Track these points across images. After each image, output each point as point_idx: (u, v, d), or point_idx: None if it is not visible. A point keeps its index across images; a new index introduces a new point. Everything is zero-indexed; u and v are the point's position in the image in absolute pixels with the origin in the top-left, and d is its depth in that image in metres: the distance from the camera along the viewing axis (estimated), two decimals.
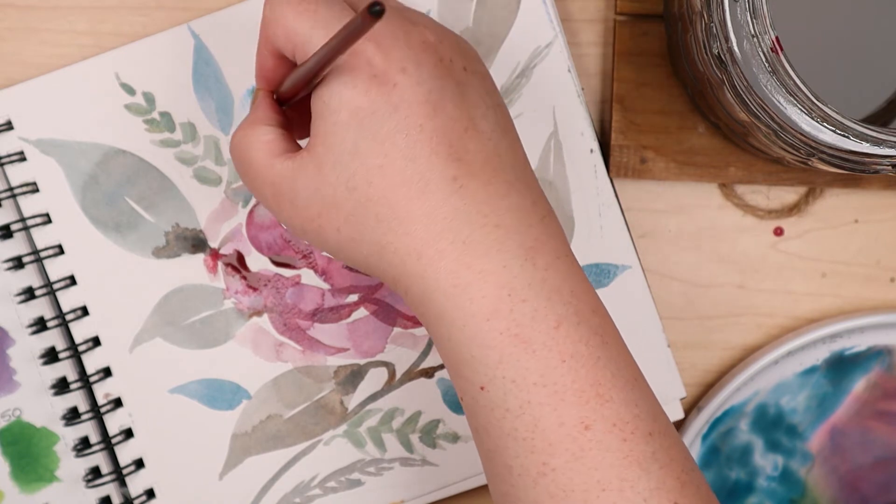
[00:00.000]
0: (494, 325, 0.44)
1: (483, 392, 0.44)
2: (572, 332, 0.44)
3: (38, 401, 0.57)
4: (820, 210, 0.59)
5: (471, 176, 0.44)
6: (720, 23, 0.46)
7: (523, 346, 0.43)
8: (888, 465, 0.59)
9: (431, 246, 0.44)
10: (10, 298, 0.57)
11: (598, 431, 0.43)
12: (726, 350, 0.59)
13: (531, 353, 0.43)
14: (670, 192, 0.59)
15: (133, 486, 0.57)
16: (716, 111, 0.53)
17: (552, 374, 0.43)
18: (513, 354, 0.43)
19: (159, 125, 0.57)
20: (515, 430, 0.44)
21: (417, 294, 0.45)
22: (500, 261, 0.44)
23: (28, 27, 0.57)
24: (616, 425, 0.43)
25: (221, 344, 0.57)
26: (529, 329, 0.43)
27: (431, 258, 0.44)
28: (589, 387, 0.43)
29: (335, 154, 0.44)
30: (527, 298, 0.44)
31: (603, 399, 0.44)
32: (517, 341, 0.43)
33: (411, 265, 0.44)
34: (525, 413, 0.43)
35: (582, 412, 0.43)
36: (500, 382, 0.44)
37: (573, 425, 0.43)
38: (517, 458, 0.44)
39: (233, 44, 0.56)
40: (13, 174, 0.56)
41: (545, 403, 0.43)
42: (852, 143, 0.46)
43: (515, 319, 0.43)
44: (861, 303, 0.59)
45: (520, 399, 0.43)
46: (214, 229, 0.57)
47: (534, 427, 0.43)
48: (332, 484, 0.57)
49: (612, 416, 0.43)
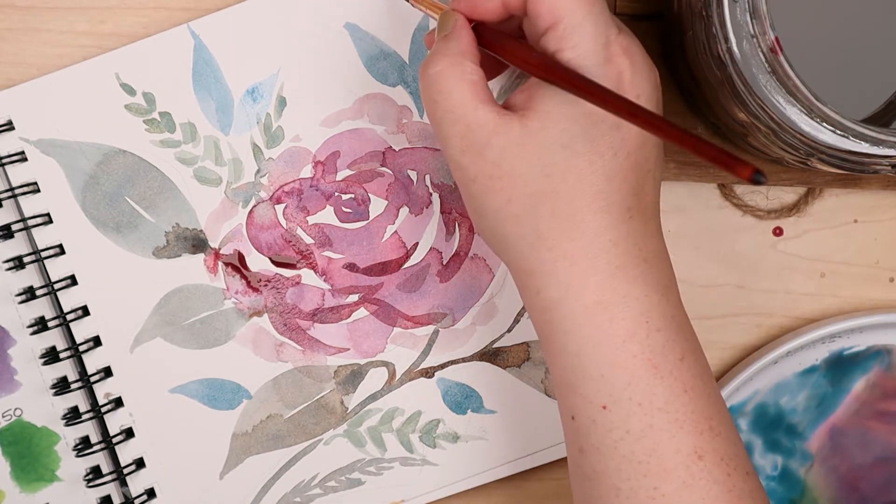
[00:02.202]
0: (629, 347, 0.45)
1: (604, 412, 0.45)
2: (693, 365, 0.46)
3: (38, 400, 0.57)
4: (819, 210, 0.59)
5: (639, 212, 0.46)
6: (720, 23, 0.46)
7: (653, 372, 0.45)
8: (888, 464, 0.59)
9: (588, 260, 0.45)
10: (10, 298, 0.57)
11: (708, 462, 0.45)
12: (726, 350, 0.59)
13: (659, 379, 0.45)
14: (670, 192, 0.59)
15: (134, 486, 0.57)
16: (715, 111, 0.53)
17: (675, 401, 0.45)
18: (643, 378, 0.45)
19: (159, 125, 0.57)
20: (632, 453, 0.45)
21: (553, 299, 0.46)
22: (643, 291, 0.45)
23: (28, 27, 0.57)
24: (724, 459, 0.45)
25: (222, 344, 0.57)
26: (660, 357, 0.45)
27: (584, 270, 0.45)
28: (704, 419, 0.45)
29: (549, 138, 0.45)
30: (661, 328, 0.45)
31: (714, 433, 0.45)
32: (649, 366, 0.45)
33: (562, 269, 0.45)
34: (646, 437, 0.45)
35: (697, 442, 0.45)
36: (625, 404, 0.45)
37: (688, 454, 0.45)
38: (628, 480, 0.45)
39: (233, 44, 0.56)
40: (14, 174, 0.56)
41: (665, 430, 0.45)
42: (851, 143, 0.46)
43: (650, 346, 0.45)
44: (860, 303, 0.59)
45: (643, 422, 0.45)
46: (214, 229, 0.57)
47: (651, 451, 0.45)
48: (333, 483, 0.57)
49: (721, 449, 0.45)
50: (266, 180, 0.57)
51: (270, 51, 0.57)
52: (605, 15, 0.45)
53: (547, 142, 0.45)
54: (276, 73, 0.57)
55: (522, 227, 0.46)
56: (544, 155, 0.45)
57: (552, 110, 0.45)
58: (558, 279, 0.45)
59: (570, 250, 0.45)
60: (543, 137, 0.45)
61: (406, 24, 0.57)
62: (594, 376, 0.45)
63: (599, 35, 0.45)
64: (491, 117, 0.45)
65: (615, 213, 0.45)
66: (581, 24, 0.45)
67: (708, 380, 0.46)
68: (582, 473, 0.47)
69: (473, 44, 0.47)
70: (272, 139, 0.57)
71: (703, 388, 0.46)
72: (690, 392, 0.45)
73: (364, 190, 0.57)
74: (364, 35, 0.57)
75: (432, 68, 0.46)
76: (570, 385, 0.46)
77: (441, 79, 0.46)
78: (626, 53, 0.45)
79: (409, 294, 0.57)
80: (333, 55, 0.57)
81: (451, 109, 0.46)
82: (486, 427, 0.57)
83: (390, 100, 0.57)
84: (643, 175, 0.46)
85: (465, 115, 0.46)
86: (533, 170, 0.45)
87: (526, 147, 0.45)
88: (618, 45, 0.45)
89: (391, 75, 0.57)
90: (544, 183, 0.45)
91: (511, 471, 0.58)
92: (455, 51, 0.46)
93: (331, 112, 0.57)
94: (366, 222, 0.57)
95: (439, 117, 0.46)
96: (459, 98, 0.46)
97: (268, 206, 0.57)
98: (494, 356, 0.57)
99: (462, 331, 0.57)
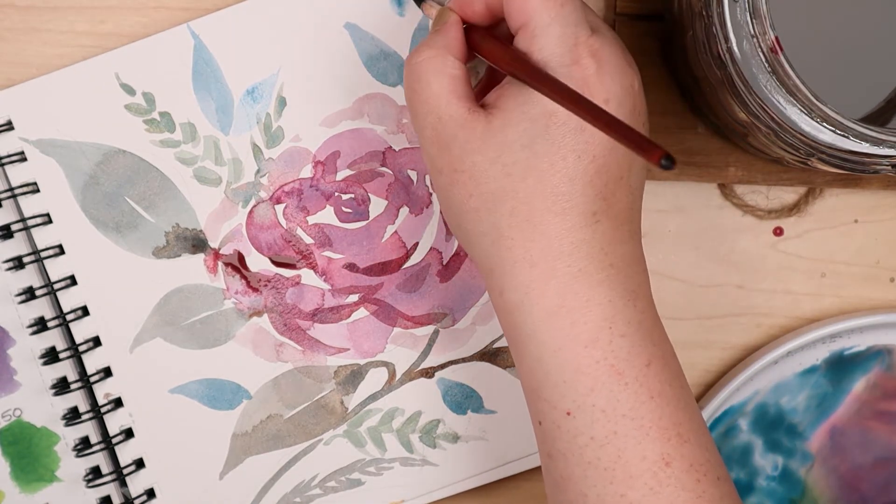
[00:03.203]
0: (592, 352, 0.45)
1: (568, 417, 0.45)
2: (661, 372, 0.45)
3: (38, 401, 0.57)
4: (819, 210, 0.59)
5: (608, 217, 0.46)
6: (720, 23, 0.46)
7: (617, 378, 0.45)
8: (888, 465, 0.59)
9: (549, 262, 0.45)
10: (10, 298, 0.57)
11: (676, 469, 0.44)
12: (726, 350, 0.59)
13: (623, 385, 0.45)
14: (670, 192, 0.59)
15: (133, 486, 0.57)
16: (715, 111, 0.53)
17: (641, 408, 0.44)
18: (606, 384, 0.44)
19: (159, 125, 0.57)
20: (598, 460, 0.45)
21: (514, 301, 0.46)
22: (607, 296, 0.45)
23: (28, 27, 0.57)
24: (693, 466, 0.45)
25: (222, 344, 0.57)
26: (625, 363, 0.45)
27: (544, 272, 0.45)
28: (672, 426, 0.45)
29: (510, 137, 0.45)
30: (626, 334, 0.45)
31: (682, 439, 0.45)
32: (612, 372, 0.45)
33: (521, 270, 0.45)
34: (610, 443, 0.44)
35: (664, 448, 0.44)
36: (588, 410, 0.45)
37: (654, 460, 0.44)
38: (594, 487, 0.45)
39: (233, 44, 0.56)
40: (13, 174, 0.56)
41: (631, 436, 0.44)
42: (852, 143, 0.46)
43: (613, 351, 0.45)
44: (861, 303, 0.59)
45: (606, 429, 0.44)
46: (214, 229, 0.57)
47: (617, 458, 0.44)
48: (333, 484, 0.57)
49: (690, 456, 0.45)
50: (266, 180, 0.57)
51: (270, 51, 0.57)
52: (575, 15, 0.45)
53: (507, 140, 0.45)
54: (276, 73, 0.57)
55: (483, 223, 0.46)
56: (505, 153, 0.45)
57: (514, 109, 0.45)
58: (519, 280, 0.45)
59: (529, 251, 0.45)
60: (504, 136, 0.45)
61: (406, 25, 0.57)
62: (557, 382, 0.45)
63: (567, 36, 0.45)
64: (461, 112, 0.46)
65: (578, 217, 0.45)
66: (549, 25, 0.45)
67: (678, 385, 0.46)
68: (552, 479, 0.47)
69: (460, 41, 0.48)
70: (272, 139, 0.57)
71: (672, 394, 0.45)
72: (658, 398, 0.45)
73: (364, 190, 0.57)
74: (364, 35, 0.57)
75: (415, 58, 0.47)
76: (535, 390, 0.46)
77: (421, 69, 0.47)
78: (593, 56, 0.45)
79: (409, 294, 0.57)
80: (333, 55, 0.57)
81: (427, 100, 0.46)
82: (486, 427, 0.57)
83: (390, 100, 0.57)
84: (613, 180, 0.46)
85: (439, 106, 0.46)
86: (493, 167, 0.45)
87: (487, 144, 0.45)
88: (586, 47, 0.45)
89: (391, 75, 0.57)
90: (504, 181, 0.45)
91: (511, 471, 0.58)
92: (440, 44, 0.47)
93: (331, 112, 0.57)
94: (366, 222, 0.57)
95: (416, 106, 0.47)
96: (436, 90, 0.46)
97: (268, 206, 0.57)
98: (494, 356, 0.57)
99: (462, 331, 0.57)
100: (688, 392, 0.46)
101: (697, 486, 0.44)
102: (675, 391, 0.46)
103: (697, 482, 0.44)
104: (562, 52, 0.45)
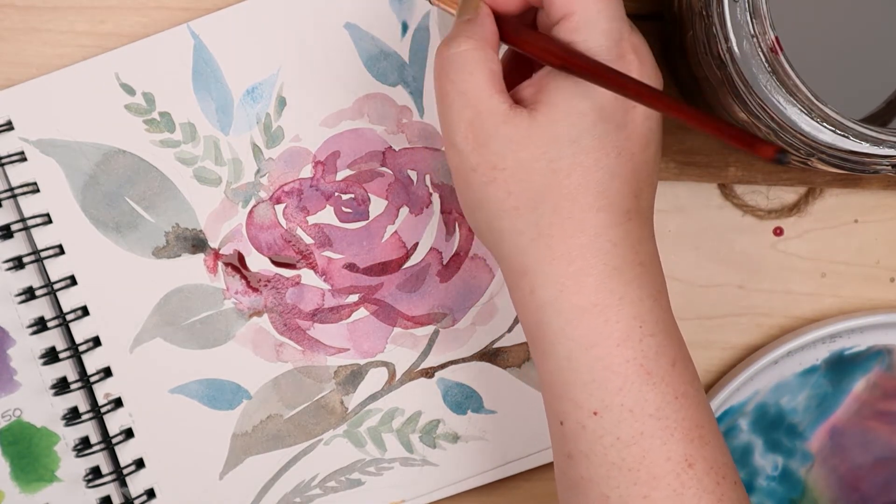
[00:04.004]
0: (623, 351, 0.44)
1: (595, 417, 0.45)
2: (684, 372, 0.45)
3: (38, 401, 0.57)
4: (819, 210, 0.59)
5: (638, 216, 0.46)
6: (720, 23, 0.46)
7: (646, 377, 0.44)
8: (888, 465, 0.59)
9: (586, 259, 0.45)
10: (10, 298, 0.57)
11: (698, 471, 0.44)
12: (726, 350, 0.59)
13: (651, 385, 0.44)
14: (670, 192, 0.59)
15: (133, 486, 0.57)
16: (715, 111, 0.53)
17: (667, 408, 0.44)
18: (635, 383, 0.44)
19: (159, 125, 0.57)
20: (623, 460, 0.44)
21: (545, 298, 0.45)
22: (637, 294, 0.45)
23: (28, 27, 0.57)
24: (713, 468, 0.45)
25: (221, 344, 0.57)
26: (653, 362, 0.45)
27: (581, 269, 0.45)
28: (694, 427, 0.45)
29: (558, 132, 0.44)
30: (654, 333, 0.45)
31: (704, 441, 0.45)
32: (641, 371, 0.44)
33: (558, 267, 0.45)
34: (636, 444, 0.44)
35: (687, 450, 0.44)
36: (616, 410, 0.44)
37: (678, 461, 0.44)
38: (617, 488, 0.44)
39: (233, 44, 0.56)
40: (13, 174, 0.56)
41: (657, 437, 0.44)
42: (852, 143, 0.46)
43: (643, 350, 0.45)
44: (861, 303, 0.59)
45: (633, 429, 0.44)
46: (214, 229, 0.57)
47: (642, 459, 0.44)
48: (333, 484, 0.57)
49: (711, 458, 0.45)
50: (266, 180, 0.57)
51: (270, 51, 0.57)
52: (620, 11, 0.45)
53: (555, 136, 0.44)
54: (276, 73, 0.57)
55: (521, 221, 0.45)
56: (551, 149, 0.44)
57: (561, 104, 0.44)
58: (554, 278, 0.45)
59: (569, 248, 0.45)
60: (552, 131, 0.44)
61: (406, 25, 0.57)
62: (586, 380, 0.45)
63: (613, 31, 0.44)
64: (504, 108, 0.45)
65: (615, 214, 0.45)
66: (595, 19, 0.44)
67: (698, 387, 0.46)
68: (569, 480, 0.46)
69: (496, 33, 0.46)
70: (272, 139, 0.57)
71: (694, 396, 0.45)
72: (681, 399, 0.45)
73: (364, 190, 0.57)
74: (364, 35, 0.57)
75: (455, 48, 0.45)
76: (559, 389, 0.46)
77: (462, 60, 0.45)
78: (636, 52, 0.45)
79: (409, 294, 0.57)
80: (333, 55, 0.57)
81: (465, 93, 0.45)
82: (486, 427, 0.57)
83: (390, 100, 0.57)
84: (643, 178, 0.46)
85: (480, 101, 0.45)
86: (538, 163, 0.44)
87: (533, 140, 0.44)
88: (629, 42, 0.45)
89: (391, 75, 0.57)
90: (549, 178, 0.44)
91: (511, 471, 0.58)
92: (480, 35, 0.45)
93: (331, 112, 0.57)
94: (366, 222, 0.57)
95: (451, 99, 0.45)
96: (477, 83, 0.45)
97: (268, 206, 0.57)
98: (495, 356, 0.57)
99: (462, 331, 0.57)
100: (704, 394, 0.47)
101: (717, 488, 0.44)
102: (696, 392, 0.46)
103: (717, 484, 0.44)
104: (608, 45, 0.44)
